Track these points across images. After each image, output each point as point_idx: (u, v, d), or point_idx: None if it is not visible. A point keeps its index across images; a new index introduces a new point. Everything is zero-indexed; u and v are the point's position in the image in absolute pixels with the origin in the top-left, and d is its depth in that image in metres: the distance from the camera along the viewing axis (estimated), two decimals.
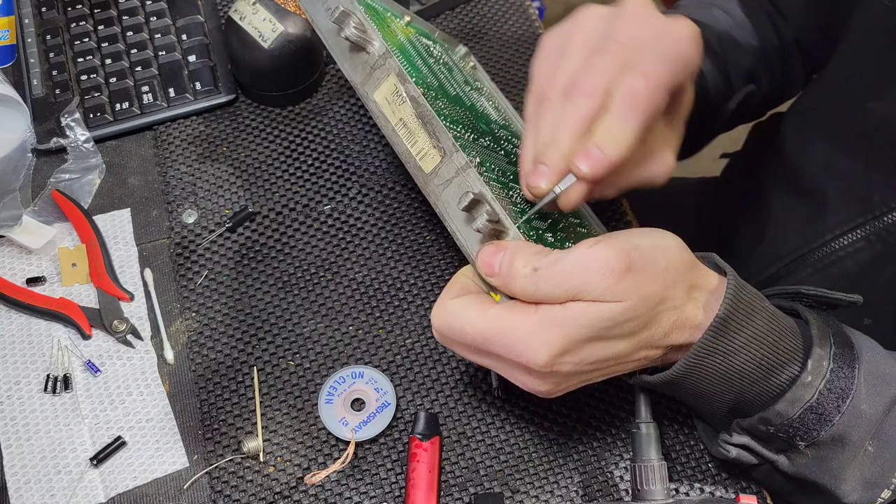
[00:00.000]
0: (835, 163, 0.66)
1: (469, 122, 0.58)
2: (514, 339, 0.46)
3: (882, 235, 0.62)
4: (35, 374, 0.62)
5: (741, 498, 0.52)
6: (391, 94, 0.53)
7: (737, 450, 0.52)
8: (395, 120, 0.53)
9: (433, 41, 0.66)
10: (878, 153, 0.63)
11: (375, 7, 0.61)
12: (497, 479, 0.58)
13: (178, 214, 0.69)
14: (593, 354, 0.46)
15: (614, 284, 0.44)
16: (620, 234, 0.48)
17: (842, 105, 0.67)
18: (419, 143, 0.52)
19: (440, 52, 0.65)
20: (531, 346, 0.45)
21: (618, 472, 0.59)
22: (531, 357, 0.45)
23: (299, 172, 0.72)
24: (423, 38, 0.65)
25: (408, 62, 0.57)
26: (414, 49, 0.61)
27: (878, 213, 0.62)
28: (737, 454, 0.53)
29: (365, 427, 0.59)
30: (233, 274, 0.66)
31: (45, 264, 0.67)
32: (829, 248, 0.65)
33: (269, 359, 0.63)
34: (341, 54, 0.56)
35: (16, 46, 0.78)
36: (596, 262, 0.45)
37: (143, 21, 0.78)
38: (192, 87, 0.74)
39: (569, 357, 0.46)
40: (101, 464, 0.59)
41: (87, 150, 0.71)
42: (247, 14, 0.70)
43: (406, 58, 0.57)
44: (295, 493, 0.58)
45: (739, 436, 0.52)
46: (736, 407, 0.52)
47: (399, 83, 0.53)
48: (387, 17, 0.61)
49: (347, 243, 0.68)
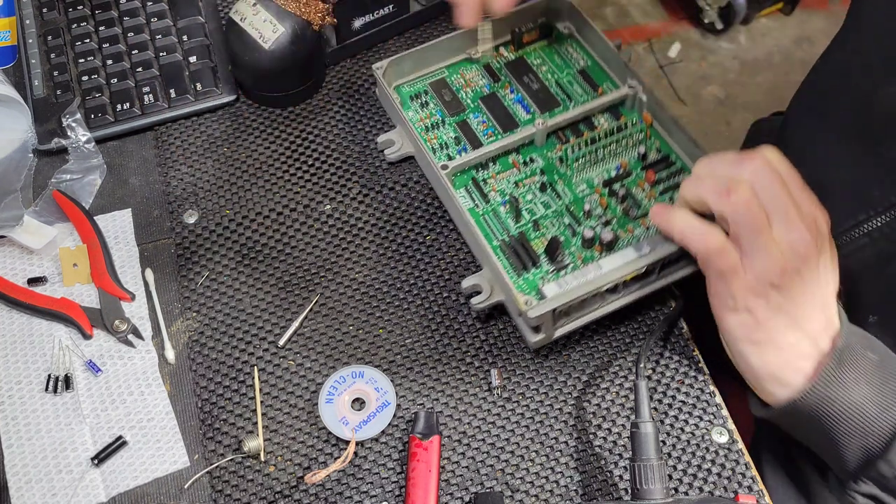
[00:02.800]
0: (836, 159, 0.66)
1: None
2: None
3: (885, 232, 0.61)
4: (36, 373, 0.62)
5: (740, 497, 0.53)
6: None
7: (864, 499, 0.54)
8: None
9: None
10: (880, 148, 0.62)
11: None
12: (497, 479, 0.58)
13: (179, 215, 0.69)
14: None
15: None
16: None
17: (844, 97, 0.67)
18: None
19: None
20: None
21: (617, 471, 0.59)
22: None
23: (299, 173, 0.72)
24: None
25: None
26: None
27: (880, 210, 0.61)
28: (864, 503, 0.54)
29: (365, 427, 0.59)
30: (233, 274, 0.67)
31: (46, 264, 0.67)
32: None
33: (270, 359, 0.63)
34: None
35: (17, 47, 0.79)
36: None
37: (144, 22, 0.78)
38: (193, 88, 0.74)
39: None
40: (102, 463, 0.59)
41: (88, 150, 0.71)
42: (247, 15, 0.70)
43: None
44: (295, 493, 0.58)
45: (866, 485, 0.53)
46: (863, 452, 0.53)
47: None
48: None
49: (348, 243, 0.68)
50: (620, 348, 0.64)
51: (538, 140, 0.68)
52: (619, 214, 0.65)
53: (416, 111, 0.72)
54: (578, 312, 0.61)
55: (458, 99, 0.72)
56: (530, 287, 0.61)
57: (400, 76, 0.73)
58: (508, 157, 0.68)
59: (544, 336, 0.60)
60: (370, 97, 0.76)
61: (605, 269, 0.60)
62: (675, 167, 0.67)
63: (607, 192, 0.66)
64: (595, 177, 0.67)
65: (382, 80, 0.70)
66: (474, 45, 0.74)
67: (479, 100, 0.72)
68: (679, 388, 0.62)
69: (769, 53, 1.94)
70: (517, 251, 0.62)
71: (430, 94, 0.73)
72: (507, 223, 0.65)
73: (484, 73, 0.74)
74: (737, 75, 1.91)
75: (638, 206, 0.65)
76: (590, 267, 0.61)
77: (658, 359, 0.63)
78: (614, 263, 0.60)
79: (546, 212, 0.65)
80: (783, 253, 0.50)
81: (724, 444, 0.60)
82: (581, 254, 0.63)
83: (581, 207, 0.65)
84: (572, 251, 0.63)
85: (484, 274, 0.62)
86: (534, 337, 0.60)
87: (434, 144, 0.70)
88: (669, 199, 0.65)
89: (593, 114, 0.70)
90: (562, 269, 0.62)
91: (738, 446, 0.60)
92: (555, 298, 0.58)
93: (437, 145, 0.70)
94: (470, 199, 0.66)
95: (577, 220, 0.65)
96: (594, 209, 0.65)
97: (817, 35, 1.90)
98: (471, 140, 0.69)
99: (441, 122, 0.71)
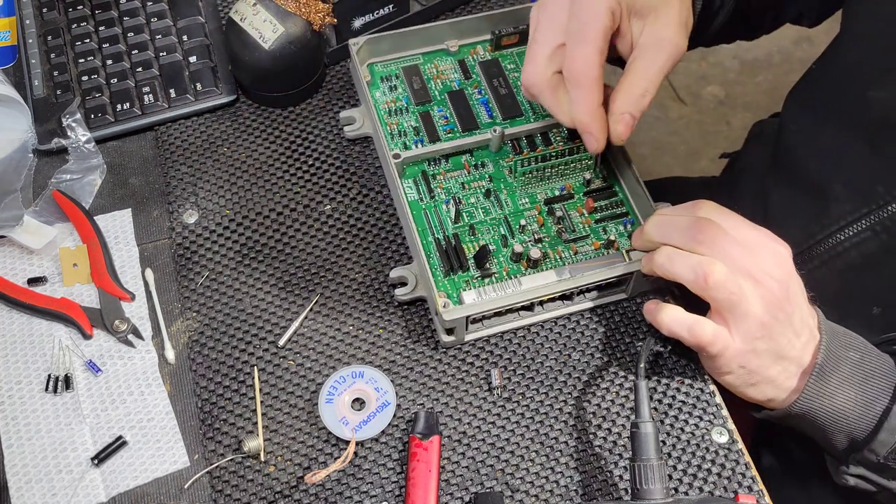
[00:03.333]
0: (837, 154, 0.66)
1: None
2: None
3: (887, 225, 0.62)
4: (36, 373, 0.62)
5: (740, 497, 0.53)
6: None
7: (855, 479, 0.59)
8: None
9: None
10: (881, 142, 0.63)
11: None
12: (497, 479, 0.58)
13: (179, 215, 0.69)
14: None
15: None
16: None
17: (844, 94, 0.67)
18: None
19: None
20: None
21: (617, 471, 0.59)
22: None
23: (299, 173, 0.72)
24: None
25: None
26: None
27: (882, 203, 0.62)
28: (855, 483, 0.59)
29: (365, 426, 0.59)
30: (233, 274, 0.67)
31: (46, 264, 0.67)
32: (835, 240, 0.66)
33: (270, 359, 0.63)
34: None
35: (17, 47, 0.79)
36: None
37: (144, 22, 0.78)
38: (193, 88, 0.74)
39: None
40: (102, 463, 0.59)
41: (88, 150, 0.71)
42: (247, 15, 0.70)
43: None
44: (295, 493, 0.58)
45: (855, 467, 0.58)
46: (851, 443, 0.58)
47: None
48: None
49: (348, 243, 0.68)
50: (620, 348, 0.64)
51: (493, 146, 0.69)
52: (553, 235, 0.66)
53: (383, 93, 0.73)
54: (492, 322, 0.63)
55: (426, 88, 0.73)
56: (453, 288, 0.62)
57: (375, 55, 0.74)
58: (461, 158, 0.69)
59: (455, 339, 0.62)
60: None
61: (524, 286, 0.62)
62: (616, 198, 0.68)
63: (546, 210, 0.67)
64: (538, 192, 0.68)
65: (355, 56, 0.71)
66: (454, 38, 0.75)
67: (447, 93, 0.72)
68: (679, 388, 0.62)
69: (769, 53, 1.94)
70: (448, 252, 0.63)
71: (400, 79, 0.73)
72: (446, 222, 0.66)
73: (457, 67, 0.75)
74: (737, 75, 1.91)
75: (572, 229, 0.66)
76: (511, 282, 0.62)
77: (658, 359, 0.63)
78: (534, 283, 0.62)
79: (485, 218, 0.66)
80: (760, 308, 0.54)
81: (724, 444, 0.60)
82: (507, 266, 0.64)
83: (518, 221, 0.66)
84: (500, 261, 0.64)
85: (412, 267, 0.64)
86: (445, 337, 0.62)
87: (393, 130, 0.70)
88: (602, 229, 0.66)
89: (551, 130, 0.70)
90: (487, 276, 0.63)
91: (738, 446, 0.60)
92: (471, 306, 0.60)
93: (396, 131, 0.70)
94: (416, 190, 0.67)
95: (512, 232, 0.65)
96: (529, 225, 0.66)
97: (817, 35, 1.90)
98: (429, 133, 0.70)
99: (405, 109, 0.72)
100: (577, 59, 0.58)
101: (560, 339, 0.64)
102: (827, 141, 0.68)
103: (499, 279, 0.63)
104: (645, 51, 0.59)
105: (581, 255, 0.65)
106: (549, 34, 0.60)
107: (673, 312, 0.56)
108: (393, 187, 0.68)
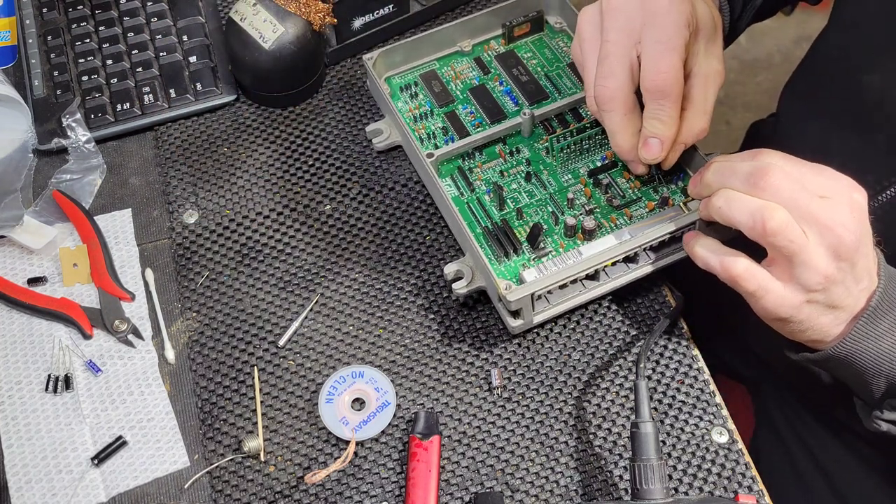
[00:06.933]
0: (829, 142, 0.67)
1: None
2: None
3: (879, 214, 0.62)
4: (36, 373, 0.62)
5: (740, 497, 0.52)
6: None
7: (888, 425, 0.57)
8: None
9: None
10: (872, 131, 0.63)
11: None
12: (497, 479, 0.58)
13: (179, 215, 0.69)
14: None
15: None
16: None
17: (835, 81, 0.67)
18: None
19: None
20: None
21: (617, 471, 0.59)
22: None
23: (299, 173, 0.72)
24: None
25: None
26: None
27: (873, 193, 0.62)
28: (887, 428, 0.57)
29: (365, 426, 0.59)
30: (233, 274, 0.67)
31: (46, 264, 0.67)
32: None
33: (270, 359, 0.63)
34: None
35: (17, 47, 0.79)
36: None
37: (144, 22, 0.78)
38: (193, 88, 0.74)
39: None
40: (102, 463, 0.59)
41: (88, 150, 0.71)
42: (247, 15, 0.70)
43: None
44: (295, 493, 0.58)
45: (890, 412, 0.56)
46: (889, 387, 0.56)
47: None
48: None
49: (348, 243, 0.68)
50: (620, 348, 0.64)
51: (525, 130, 0.69)
52: (603, 204, 0.65)
53: (405, 102, 0.72)
54: (558, 299, 0.61)
55: (447, 90, 0.72)
56: (511, 273, 0.61)
57: (391, 67, 0.74)
58: (495, 147, 0.69)
59: (523, 321, 0.60)
60: (370, 96, 0.76)
61: (584, 255, 0.61)
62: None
63: (592, 182, 0.66)
64: (580, 167, 0.67)
65: (372, 71, 0.71)
66: (465, 38, 0.75)
67: (468, 91, 0.72)
68: (679, 388, 0.62)
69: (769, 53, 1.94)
70: (499, 238, 0.63)
71: (419, 86, 0.73)
72: (491, 211, 0.65)
73: (474, 65, 0.74)
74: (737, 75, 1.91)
75: (622, 196, 0.65)
76: (570, 254, 0.61)
77: (658, 359, 0.63)
78: (594, 250, 0.61)
79: (530, 201, 0.65)
80: (824, 260, 0.51)
81: (724, 444, 0.60)
82: (563, 241, 0.63)
83: (565, 197, 0.65)
84: (554, 239, 0.63)
85: (466, 260, 0.63)
86: (513, 322, 0.60)
87: (422, 134, 0.70)
88: (653, 188, 0.65)
89: (581, 105, 0.70)
90: (543, 255, 0.62)
91: (738, 446, 0.60)
92: (534, 283, 0.58)
93: (425, 135, 0.70)
94: (455, 187, 0.67)
95: (561, 208, 0.65)
96: (578, 198, 0.65)
97: (817, 34, 1.90)
98: (458, 130, 0.70)
99: (430, 113, 0.71)
100: (664, 69, 0.55)
101: (560, 339, 0.64)
102: (817, 131, 0.68)
103: (555, 255, 0.62)
104: (706, 81, 0.58)
105: (637, 218, 0.63)
106: (622, 48, 0.57)
107: (708, 242, 0.55)
108: (432, 188, 0.67)
